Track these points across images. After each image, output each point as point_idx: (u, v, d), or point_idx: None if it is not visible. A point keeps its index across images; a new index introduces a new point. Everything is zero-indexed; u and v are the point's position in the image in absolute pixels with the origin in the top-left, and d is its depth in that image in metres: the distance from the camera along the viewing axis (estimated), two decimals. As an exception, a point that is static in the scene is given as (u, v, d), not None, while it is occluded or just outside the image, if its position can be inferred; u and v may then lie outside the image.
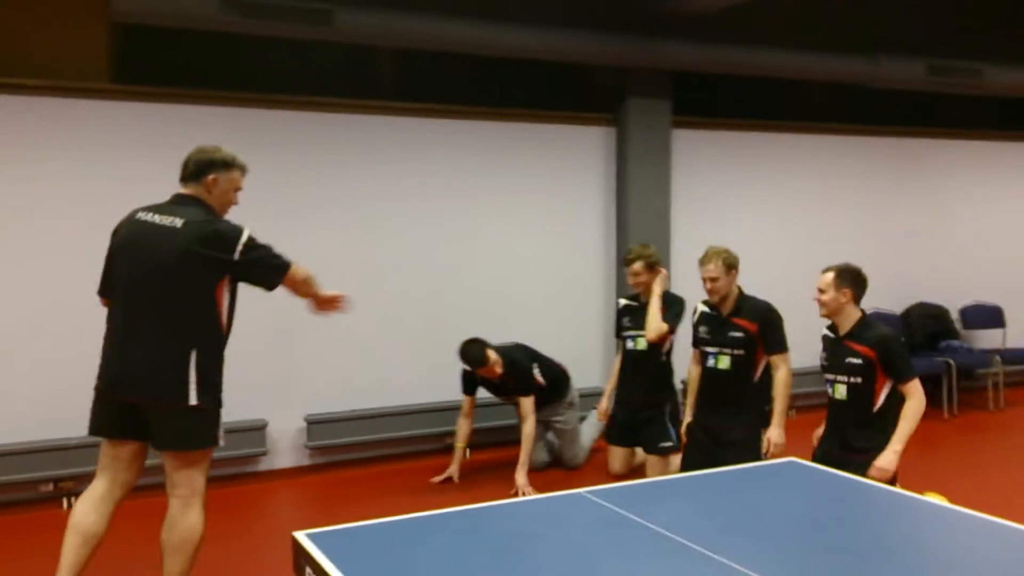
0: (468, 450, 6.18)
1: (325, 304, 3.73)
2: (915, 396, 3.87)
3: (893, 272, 7.85)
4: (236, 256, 3.32)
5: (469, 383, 5.61)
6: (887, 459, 3.81)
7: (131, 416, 3.35)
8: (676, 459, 5.04)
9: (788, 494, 3.35)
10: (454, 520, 2.98)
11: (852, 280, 3.98)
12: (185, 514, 3.36)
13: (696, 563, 2.59)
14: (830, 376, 4.02)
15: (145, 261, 3.34)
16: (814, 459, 3.92)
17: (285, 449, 5.78)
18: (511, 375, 5.45)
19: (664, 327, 5.03)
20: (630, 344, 5.21)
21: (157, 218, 3.38)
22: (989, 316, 8.14)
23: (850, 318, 4.00)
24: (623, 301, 5.36)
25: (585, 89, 6.95)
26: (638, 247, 5.24)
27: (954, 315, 8.07)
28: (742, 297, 4.51)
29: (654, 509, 3.05)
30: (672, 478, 3.90)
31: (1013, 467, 3.79)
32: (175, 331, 3.30)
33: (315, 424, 5.76)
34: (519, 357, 5.57)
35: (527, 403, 5.38)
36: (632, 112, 6.62)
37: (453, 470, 5.57)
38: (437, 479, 5.52)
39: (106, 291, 3.53)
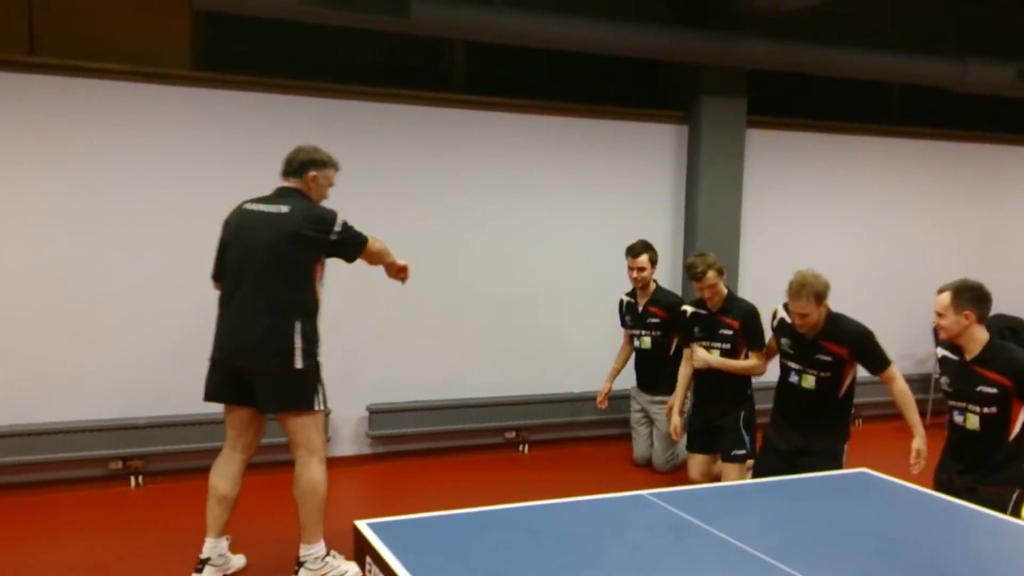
0: (528, 446, 6.19)
1: (397, 272, 4.20)
2: None
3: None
4: (333, 236, 3.77)
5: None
6: None
7: (239, 383, 3.75)
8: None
9: (858, 505, 3.26)
10: (515, 516, 2.97)
11: (973, 300, 3.63)
12: (307, 469, 3.78)
13: (758, 571, 2.53)
14: (959, 404, 3.70)
15: (253, 244, 3.74)
16: (939, 487, 3.70)
17: (347, 437, 5.84)
18: (659, 304, 5.64)
19: (759, 362, 4.89)
20: None
21: (264, 207, 3.81)
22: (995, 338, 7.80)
23: (977, 341, 3.66)
24: (689, 309, 5.16)
25: (658, 86, 6.86)
26: (699, 258, 4.97)
27: (1032, 327, 7.78)
28: (831, 319, 4.26)
29: (717, 514, 3.00)
30: (736, 484, 3.83)
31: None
32: (282, 304, 3.71)
33: (377, 414, 5.80)
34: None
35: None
36: (705, 110, 6.50)
37: (606, 387, 5.91)
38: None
39: (219, 275, 3.93)
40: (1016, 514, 3.58)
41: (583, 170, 6.36)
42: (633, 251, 5.61)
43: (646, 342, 5.71)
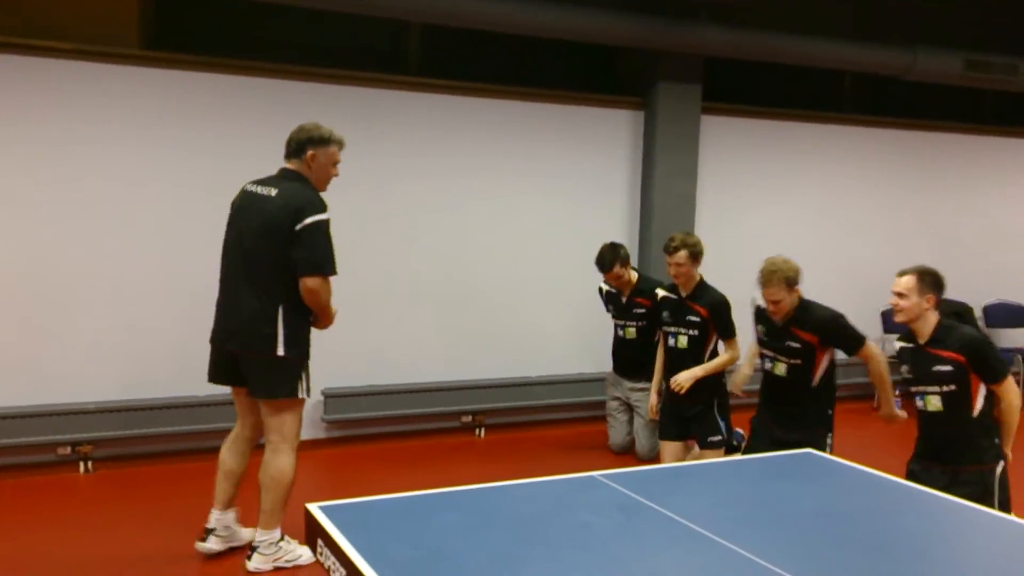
0: (484, 430, 6.22)
1: (325, 324, 3.94)
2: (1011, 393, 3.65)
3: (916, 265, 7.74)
4: (298, 227, 3.60)
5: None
6: None
7: (236, 366, 3.78)
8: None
9: (803, 485, 3.32)
10: (466, 498, 2.98)
11: (935, 284, 3.72)
12: (275, 457, 3.78)
13: (707, 550, 2.58)
14: (919, 389, 3.74)
15: (245, 226, 3.73)
16: (910, 478, 3.68)
17: (303, 422, 5.79)
18: (644, 294, 5.57)
19: (735, 354, 4.91)
20: (671, 341, 5.00)
21: (260, 189, 3.75)
22: (1013, 315, 8.06)
23: (930, 324, 3.73)
24: (661, 293, 5.15)
25: (615, 71, 6.88)
26: (680, 234, 4.95)
27: (978, 313, 7.96)
28: (801, 306, 4.26)
29: (666, 494, 3.04)
30: (685, 464, 3.88)
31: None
32: (266, 289, 3.68)
33: (332, 398, 5.78)
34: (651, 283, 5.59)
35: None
36: (662, 96, 6.55)
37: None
38: None
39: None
40: (1003, 488, 3.66)
41: (539, 155, 6.37)
42: (604, 267, 5.57)
43: (631, 332, 5.69)
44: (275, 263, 3.65)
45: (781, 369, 4.26)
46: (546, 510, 2.88)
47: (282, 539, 3.85)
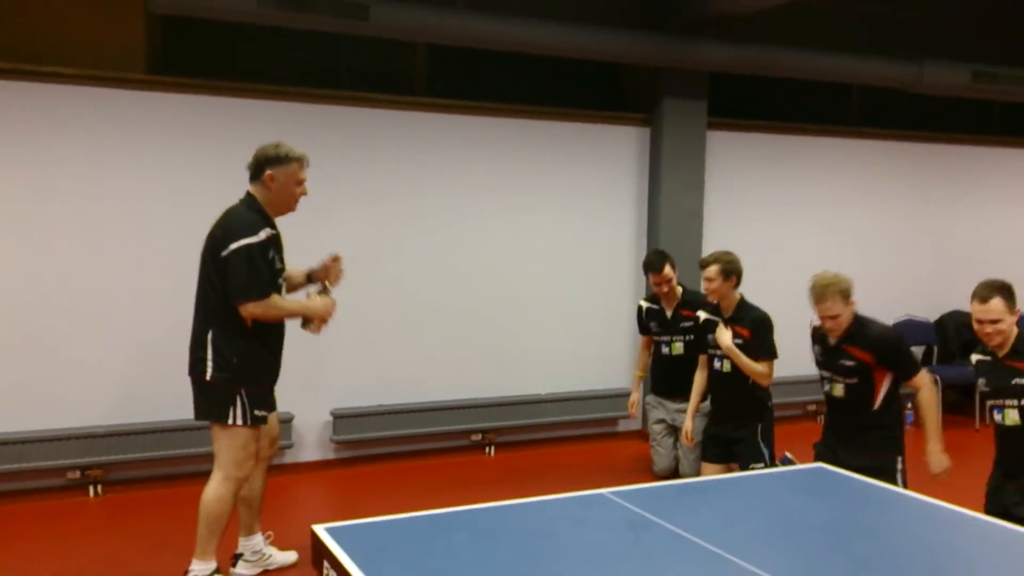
0: (494, 448, 6.19)
1: (312, 326, 3.89)
2: None
3: (928, 279, 7.71)
4: (224, 253, 3.56)
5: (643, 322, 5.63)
6: None
7: None
8: None
9: (813, 500, 3.29)
10: (474, 518, 2.96)
11: (1012, 295, 3.58)
12: (210, 485, 3.68)
13: (716, 567, 2.55)
14: (997, 402, 3.57)
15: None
16: (989, 508, 3.51)
17: (311, 443, 5.80)
18: (690, 306, 5.32)
19: (768, 370, 4.66)
20: (716, 364, 4.77)
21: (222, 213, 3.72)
22: (1021, 327, 7.96)
23: (1011, 337, 3.58)
24: (703, 315, 4.93)
25: (620, 89, 6.90)
26: (718, 252, 4.76)
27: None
28: (857, 322, 4.03)
29: (676, 511, 3.01)
30: (694, 481, 3.85)
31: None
32: (202, 312, 3.69)
33: (341, 418, 5.76)
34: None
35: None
36: (667, 112, 6.55)
37: (635, 397, 5.68)
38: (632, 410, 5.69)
39: None
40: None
41: (546, 173, 6.37)
42: (653, 267, 5.33)
43: (678, 347, 5.39)
44: (208, 287, 3.64)
45: (839, 390, 4.02)
46: (555, 528, 2.87)
47: (215, 573, 3.69)
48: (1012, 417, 3.48)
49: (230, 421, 3.63)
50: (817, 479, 3.58)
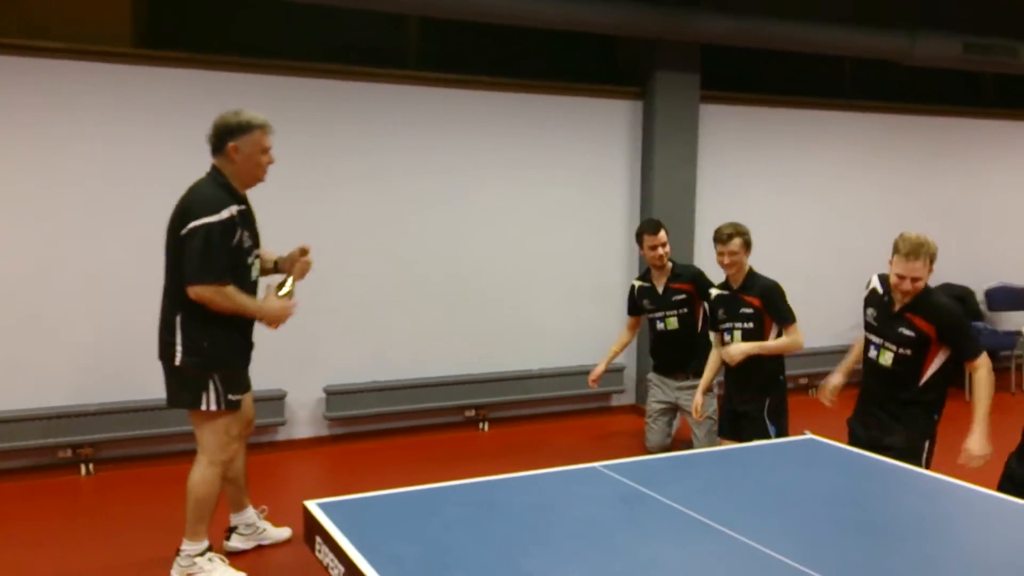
0: (488, 424, 6.20)
1: (268, 323, 3.69)
2: None
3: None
4: (183, 232, 3.42)
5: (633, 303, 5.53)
6: None
7: None
8: None
9: (804, 471, 3.30)
10: (467, 492, 2.95)
11: None
12: (194, 468, 3.64)
13: (709, 538, 2.55)
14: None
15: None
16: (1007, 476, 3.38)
17: (304, 420, 5.79)
18: (681, 279, 5.27)
19: (794, 336, 4.50)
20: (727, 338, 4.65)
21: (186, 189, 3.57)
22: (1014, 298, 8.03)
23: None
24: (715, 291, 4.78)
25: (613, 61, 6.84)
26: (731, 224, 4.60)
27: (979, 296, 7.96)
28: (925, 291, 3.75)
29: (669, 484, 3.02)
30: (686, 453, 3.85)
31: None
32: (169, 295, 3.56)
33: (334, 395, 5.76)
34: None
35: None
36: (660, 85, 6.50)
37: (599, 369, 5.56)
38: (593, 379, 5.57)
39: None
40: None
41: (539, 147, 6.33)
42: (649, 229, 5.27)
43: (672, 323, 5.33)
44: (173, 269, 3.50)
45: (887, 358, 3.79)
46: (548, 502, 2.86)
47: (204, 555, 3.65)
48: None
49: (203, 407, 3.53)
50: (807, 450, 3.59)
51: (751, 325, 4.51)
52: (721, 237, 4.52)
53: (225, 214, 3.43)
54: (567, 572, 2.32)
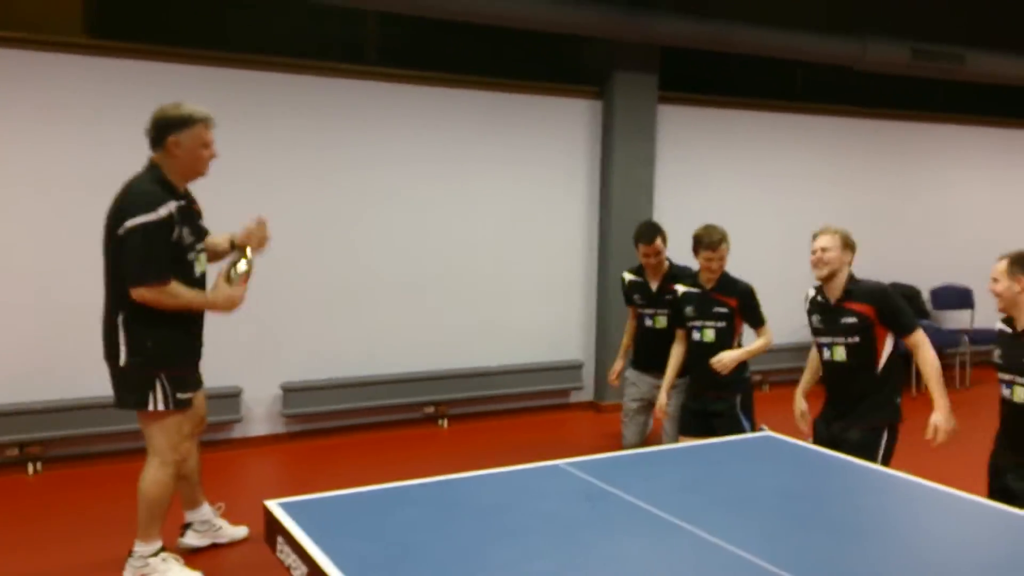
0: (447, 420, 6.18)
1: (220, 310, 3.62)
2: None
3: (867, 251, 7.71)
4: (120, 231, 3.33)
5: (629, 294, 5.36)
6: None
7: None
8: None
9: (762, 467, 3.35)
10: (429, 490, 2.94)
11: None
12: (146, 470, 3.57)
13: (670, 534, 2.58)
14: (1009, 377, 3.48)
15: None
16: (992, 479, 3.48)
17: (260, 417, 5.73)
18: (678, 280, 5.01)
19: (771, 339, 4.64)
20: (696, 336, 4.66)
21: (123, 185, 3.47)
22: (958, 297, 8.26)
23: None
24: (683, 288, 4.75)
25: (572, 61, 6.87)
26: (710, 228, 4.57)
27: (925, 296, 8.16)
28: (851, 280, 3.96)
29: (631, 481, 3.03)
30: (647, 451, 3.87)
31: (976, 444, 3.79)
32: (110, 296, 3.47)
33: (291, 392, 5.70)
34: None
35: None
36: (619, 86, 6.55)
37: (618, 365, 5.44)
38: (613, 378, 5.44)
39: None
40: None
41: (499, 145, 6.34)
42: (644, 238, 5.12)
43: (661, 321, 5.21)
44: (113, 269, 3.42)
45: (840, 353, 3.90)
46: (511, 500, 2.87)
47: (158, 555, 3.60)
48: (1021, 395, 3.45)
49: (151, 407, 3.46)
50: (764, 446, 3.64)
51: (723, 324, 4.56)
52: (711, 243, 4.49)
53: (163, 211, 3.35)
54: (532, 568, 2.33)
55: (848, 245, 3.99)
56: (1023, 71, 7.82)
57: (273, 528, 2.60)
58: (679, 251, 5.07)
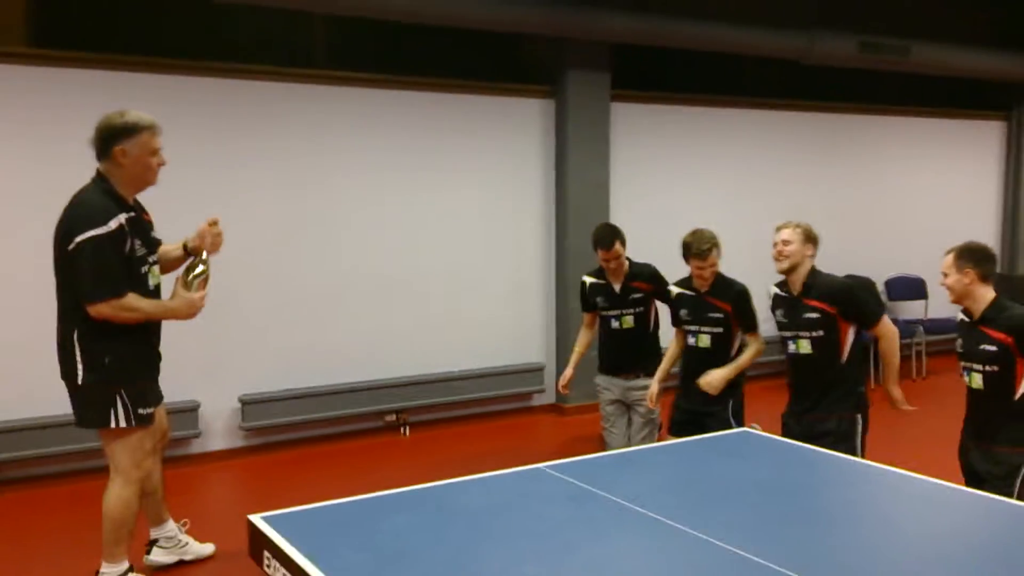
0: (409, 428, 6.12)
1: (180, 317, 3.53)
2: None
3: (822, 244, 7.99)
4: (69, 248, 3.23)
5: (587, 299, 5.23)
6: None
7: None
8: None
9: (742, 462, 3.37)
10: (413, 498, 2.91)
11: (974, 259, 3.55)
12: (109, 488, 3.47)
13: (656, 532, 2.59)
14: (966, 364, 3.59)
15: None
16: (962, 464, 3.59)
17: (218, 431, 5.59)
18: (640, 278, 5.01)
19: (761, 346, 4.51)
20: (692, 340, 4.56)
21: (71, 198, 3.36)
22: (912, 288, 8.42)
23: (980, 301, 3.57)
24: (675, 289, 4.68)
25: (524, 60, 6.85)
26: (698, 235, 4.48)
27: (880, 287, 8.30)
28: (812, 274, 4.02)
29: (613, 481, 3.04)
30: (627, 451, 3.88)
31: (943, 430, 3.90)
32: (63, 313, 3.36)
33: (250, 404, 5.58)
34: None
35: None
36: (571, 84, 6.55)
37: (569, 373, 5.21)
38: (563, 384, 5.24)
39: None
40: None
41: (450, 146, 6.29)
42: (603, 244, 4.95)
43: (628, 321, 5.09)
44: (64, 285, 3.31)
45: (806, 346, 3.94)
46: (496, 504, 2.85)
47: (129, 572, 3.51)
48: (977, 381, 3.55)
49: (113, 424, 3.35)
50: (743, 443, 3.67)
51: (720, 330, 4.46)
52: (700, 253, 4.40)
53: (113, 224, 3.24)
54: (523, 572, 2.31)
55: (810, 239, 4.04)
56: (968, 62, 8.05)
57: (259, 542, 2.53)
58: (638, 250, 5.09)
